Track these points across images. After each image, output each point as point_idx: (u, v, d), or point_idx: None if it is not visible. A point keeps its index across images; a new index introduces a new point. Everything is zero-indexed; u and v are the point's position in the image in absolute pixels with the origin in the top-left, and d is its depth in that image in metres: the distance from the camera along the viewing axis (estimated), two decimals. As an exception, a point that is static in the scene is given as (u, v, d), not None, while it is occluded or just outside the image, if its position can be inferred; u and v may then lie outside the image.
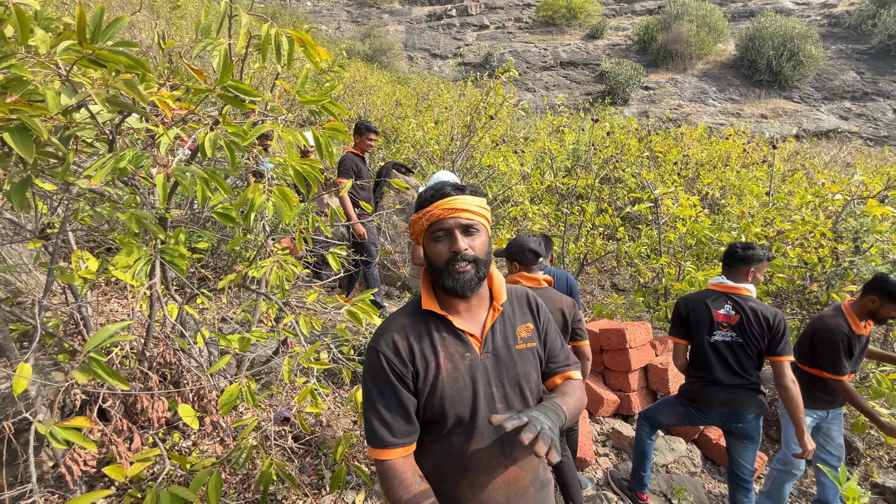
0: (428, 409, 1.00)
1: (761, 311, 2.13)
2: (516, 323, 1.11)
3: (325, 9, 23.49)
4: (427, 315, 1.05)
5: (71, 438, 0.97)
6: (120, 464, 1.46)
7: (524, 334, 1.11)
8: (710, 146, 8.03)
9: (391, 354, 0.99)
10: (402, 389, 0.98)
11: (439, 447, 1.03)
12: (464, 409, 1.00)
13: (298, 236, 1.81)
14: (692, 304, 2.28)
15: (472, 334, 1.05)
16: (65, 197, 1.75)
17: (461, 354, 1.02)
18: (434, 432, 1.02)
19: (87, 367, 1.04)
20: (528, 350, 1.10)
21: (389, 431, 0.96)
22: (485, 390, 1.02)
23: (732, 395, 2.15)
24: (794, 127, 15.70)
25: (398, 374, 0.98)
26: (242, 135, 1.37)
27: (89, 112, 1.30)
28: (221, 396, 1.47)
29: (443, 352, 1.01)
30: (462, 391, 1.00)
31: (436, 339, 1.02)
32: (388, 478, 0.94)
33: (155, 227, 1.40)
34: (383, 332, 1.03)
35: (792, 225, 3.78)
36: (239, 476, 2.15)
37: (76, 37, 1.10)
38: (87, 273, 1.88)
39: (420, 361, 1.00)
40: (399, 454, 0.96)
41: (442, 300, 1.06)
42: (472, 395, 1.01)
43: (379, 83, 11.27)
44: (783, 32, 16.75)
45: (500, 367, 1.05)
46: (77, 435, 0.98)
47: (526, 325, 1.12)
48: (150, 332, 1.98)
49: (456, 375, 1.00)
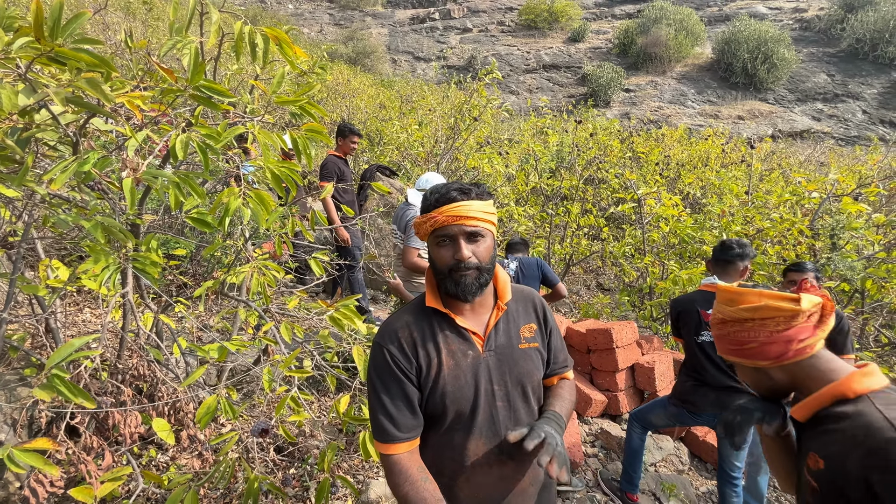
0: (429, 405, 1.01)
1: None
2: (520, 322, 1.12)
3: (307, 12, 23.29)
4: (431, 313, 1.06)
5: (31, 463, 0.90)
6: (89, 484, 1.39)
7: (527, 334, 1.12)
8: (690, 147, 8.18)
9: (395, 349, 1.00)
10: (407, 382, 1.00)
11: (439, 442, 1.04)
12: (464, 405, 1.01)
13: (278, 241, 1.75)
14: (681, 305, 2.31)
15: (475, 332, 1.05)
16: (29, 203, 1.66)
17: (463, 352, 1.03)
18: (434, 427, 1.04)
19: (49, 385, 0.98)
20: (532, 350, 1.11)
21: (395, 426, 0.97)
22: (486, 388, 1.03)
23: (723, 397, 2.16)
24: (769, 128, 16.15)
25: (402, 369, 1.00)
26: (216, 137, 1.31)
27: (51, 113, 1.24)
28: (199, 409, 1.40)
29: (445, 349, 1.02)
30: (463, 388, 1.01)
31: (439, 336, 1.03)
32: (395, 473, 0.96)
33: (123, 234, 1.34)
34: (387, 329, 1.04)
35: (771, 223, 3.85)
36: (220, 491, 2.07)
37: (33, 33, 1.03)
38: (55, 282, 1.79)
39: (423, 357, 1.01)
40: (404, 448, 0.98)
41: (446, 298, 1.07)
42: (473, 393, 1.02)
43: (362, 86, 11.19)
44: (757, 36, 17.23)
45: (503, 366, 1.06)
46: (38, 458, 0.91)
47: (529, 325, 1.13)
48: (124, 344, 1.90)
49: (458, 373, 1.01)
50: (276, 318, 1.71)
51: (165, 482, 1.49)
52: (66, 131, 1.26)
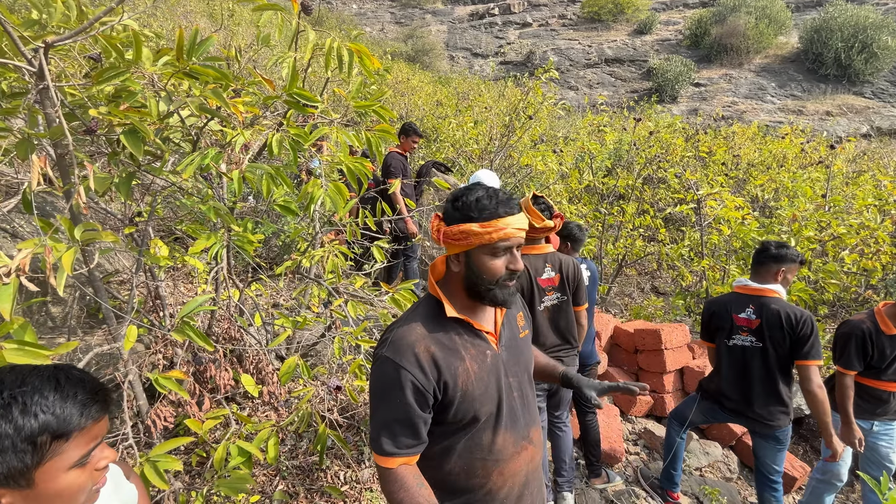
0: (460, 413, 1.00)
1: (786, 312, 2.06)
2: (514, 312, 1.19)
3: (369, 11, 24.12)
4: (446, 321, 1.03)
5: (170, 387, 1.17)
6: (196, 420, 1.69)
7: (521, 322, 1.20)
8: (763, 146, 7.63)
9: (415, 370, 0.95)
10: (416, 408, 0.96)
11: (466, 446, 1.04)
12: (492, 405, 1.03)
13: (349, 228, 1.99)
14: (714, 307, 2.30)
15: (489, 332, 1.08)
16: (151, 190, 2.02)
17: (483, 353, 1.04)
18: (463, 432, 1.03)
19: (181, 330, 1.25)
20: (527, 337, 1.20)
21: (395, 444, 0.96)
22: (505, 382, 1.06)
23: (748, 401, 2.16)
24: (863, 124, 14.50)
25: (419, 390, 0.96)
26: (304, 136, 1.55)
27: (179, 117, 1.53)
28: (281, 368, 1.66)
29: (467, 356, 1.02)
30: (489, 389, 1.03)
31: (459, 344, 1.02)
32: (390, 481, 0.96)
33: (228, 217, 1.61)
34: (401, 345, 0.98)
35: (847, 229, 3.59)
36: (287, 446, 2.37)
37: (174, 54, 1.31)
38: (163, 259, 2.15)
39: (447, 373, 0.98)
40: (401, 462, 0.97)
41: (462, 304, 1.06)
42: (496, 390, 1.04)
43: (421, 84, 11.49)
44: (854, 23, 15.47)
45: (512, 358, 1.11)
46: (174, 384, 1.18)
47: (520, 314, 1.21)
48: (215, 312, 2.24)
49: (482, 375, 1.02)
50: (343, 297, 1.95)
51: (252, 426, 1.77)
52: (190, 132, 1.55)
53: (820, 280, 3.89)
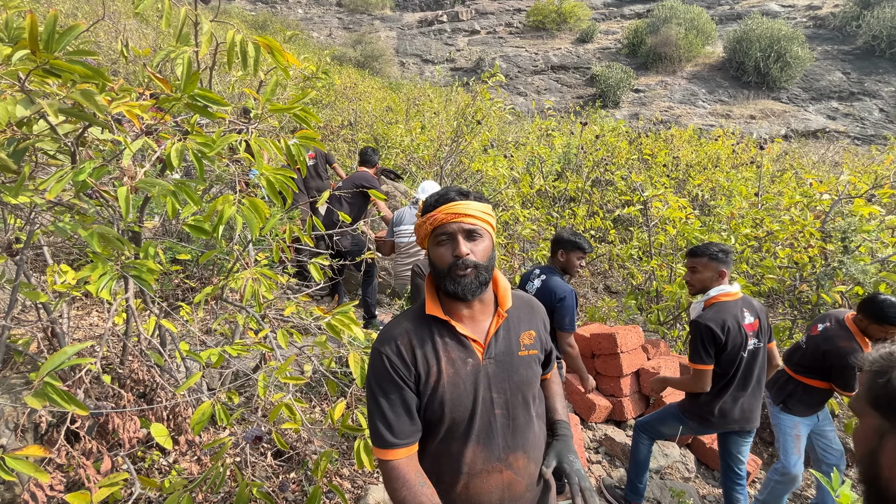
0: (427, 412, 1.02)
1: (757, 302, 2.18)
2: (520, 329, 1.12)
3: (316, 16, 23.52)
4: (430, 320, 1.05)
5: (22, 469, 0.91)
6: (87, 489, 1.40)
7: (527, 341, 1.11)
8: (699, 148, 8.07)
9: (394, 356, 1.00)
10: (406, 389, 1.00)
11: (437, 450, 1.05)
12: (462, 413, 1.02)
13: (276, 246, 1.76)
14: (725, 324, 2.05)
15: (476, 340, 1.05)
16: (32, 211, 1.70)
17: (463, 360, 1.03)
18: (432, 435, 1.04)
19: (41, 393, 0.99)
20: (531, 357, 1.11)
21: (393, 432, 0.98)
22: (484, 396, 1.03)
23: (746, 413, 2.15)
24: (782, 127, 15.85)
25: (401, 375, 1.00)
26: (210, 144, 1.33)
27: (48, 124, 1.26)
28: (193, 415, 1.41)
29: (444, 357, 1.02)
30: (462, 396, 1.01)
31: (438, 344, 1.03)
32: (392, 479, 0.96)
33: (119, 241, 1.35)
34: (386, 335, 1.04)
35: (781, 225, 3.77)
36: (221, 495, 2.08)
37: (29, 46, 1.05)
38: (62, 287, 1.82)
39: (422, 365, 1.01)
40: (402, 454, 0.98)
41: (446, 305, 1.07)
42: (471, 401, 1.02)
43: (370, 89, 11.26)
44: (770, 34, 16.93)
45: (502, 373, 1.06)
46: (28, 465, 0.92)
47: (529, 332, 1.13)
48: (127, 349, 1.93)
49: (457, 381, 1.01)
50: (273, 325, 1.72)
51: (167, 485, 1.50)
52: (64, 141, 1.28)
53: (757, 274, 4.09)
